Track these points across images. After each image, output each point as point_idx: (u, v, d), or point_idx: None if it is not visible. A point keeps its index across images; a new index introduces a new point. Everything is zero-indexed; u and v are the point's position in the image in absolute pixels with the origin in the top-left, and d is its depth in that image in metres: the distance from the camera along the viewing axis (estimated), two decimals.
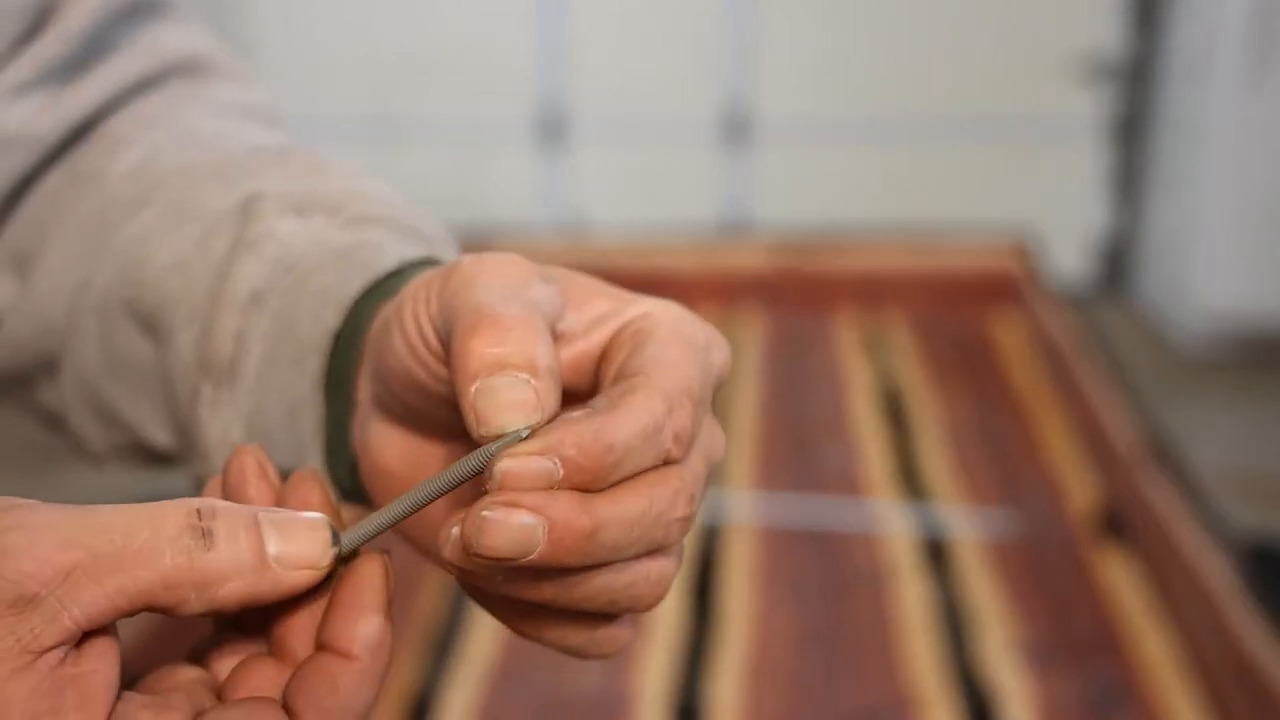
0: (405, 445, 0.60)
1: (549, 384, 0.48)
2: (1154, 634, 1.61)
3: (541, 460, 0.47)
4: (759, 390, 2.44)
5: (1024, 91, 5.02)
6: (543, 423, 0.48)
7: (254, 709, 0.48)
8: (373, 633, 0.52)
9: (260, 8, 4.90)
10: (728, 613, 1.66)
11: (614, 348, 0.55)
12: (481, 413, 0.48)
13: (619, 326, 0.55)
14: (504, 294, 0.50)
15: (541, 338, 0.49)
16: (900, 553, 1.82)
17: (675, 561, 0.54)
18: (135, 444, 0.73)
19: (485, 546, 0.47)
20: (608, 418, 0.48)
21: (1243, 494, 3.42)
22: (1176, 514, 1.65)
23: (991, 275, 2.90)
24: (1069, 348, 2.33)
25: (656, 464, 0.50)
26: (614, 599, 0.52)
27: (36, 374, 0.76)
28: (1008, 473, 2.09)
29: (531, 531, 0.47)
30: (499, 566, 0.48)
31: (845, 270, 2.91)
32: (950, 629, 1.74)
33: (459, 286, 0.52)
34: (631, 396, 0.49)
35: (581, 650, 0.56)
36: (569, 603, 0.52)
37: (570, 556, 0.48)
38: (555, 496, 0.47)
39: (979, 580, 1.74)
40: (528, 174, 5.08)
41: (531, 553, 0.47)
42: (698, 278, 2.90)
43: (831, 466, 2.11)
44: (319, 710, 0.48)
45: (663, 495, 0.50)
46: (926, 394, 2.42)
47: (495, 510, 0.46)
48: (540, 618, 0.54)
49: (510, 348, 0.48)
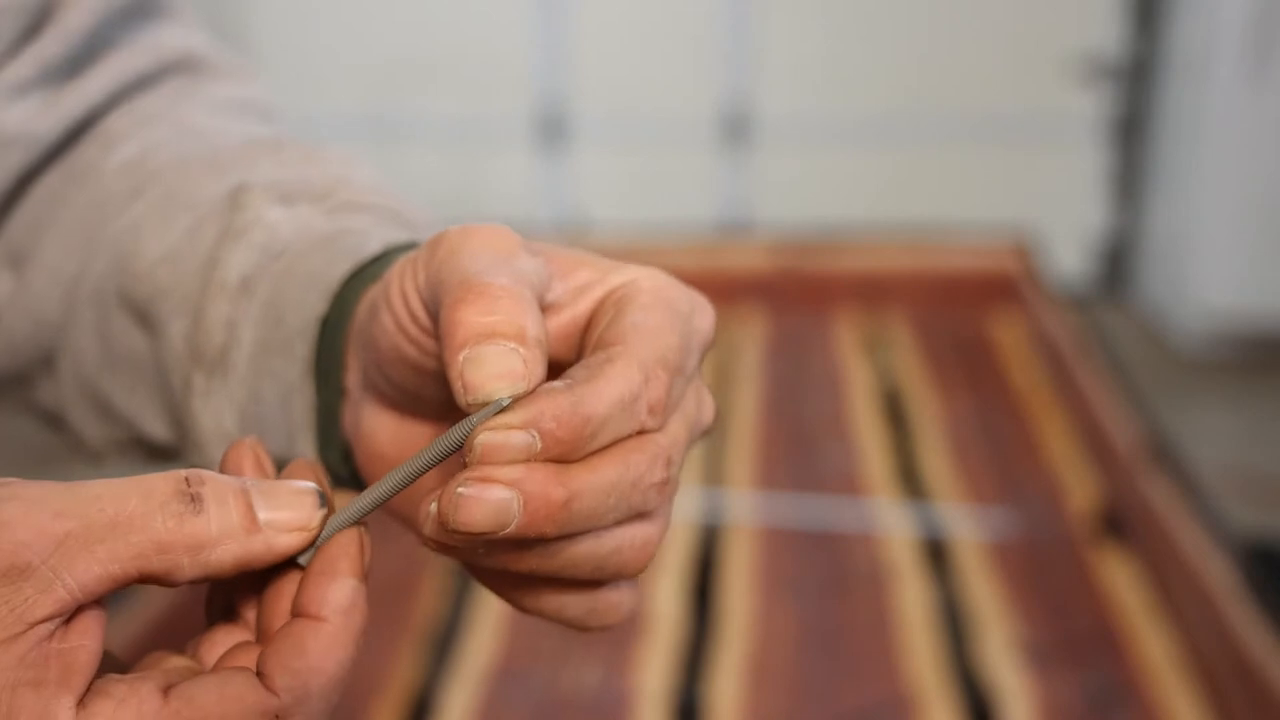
0: (397, 428, 0.61)
1: (537, 354, 0.49)
2: (1154, 634, 1.61)
3: (521, 434, 0.47)
4: (759, 390, 2.44)
5: (1024, 92, 5.02)
6: (526, 392, 0.48)
7: (226, 675, 0.48)
8: (343, 595, 0.52)
9: (260, 8, 4.90)
10: (727, 613, 1.66)
11: (598, 315, 0.55)
12: (469, 381, 0.48)
13: (603, 294, 0.56)
14: (491, 264, 0.51)
15: (530, 308, 0.50)
16: (900, 553, 1.82)
17: (660, 526, 0.54)
18: (133, 438, 0.73)
19: (462, 522, 0.47)
20: (586, 389, 0.49)
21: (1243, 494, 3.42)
22: (1176, 514, 1.65)
23: (991, 275, 2.90)
24: (1069, 348, 2.33)
25: (633, 433, 0.51)
26: (599, 565, 0.52)
27: (34, 372, 0.76)
28: (1008, 473, 2.09)
29: (507, 505, 0.47)
30: (478, 541, 0.48)
31: (845, 270, 2.91)
32: (950, 629, 1.74)
33: (446, 256, 0.52)
34: (609, 367, 0.50)
35: (583, 622, 0.56)
36: (553, 571, 0.52)
37: (548, 526, 0.48)
38: (531, 469, 0.47)
39: (979, 580, 1.74)
40: (528, 174, 5.08)
41: (508, 526, 0.47)
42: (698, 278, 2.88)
43: (831, 466, 2.11)
44: (288, 671, 0.48)
45: (639, 461, 0.50)
46: (926, 394, 2.42)
47: (470, 486, 0.47)
48: (534, 588, 0.54)
49: (499, 316, 0.49)
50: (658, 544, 0.53)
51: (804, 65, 4.98)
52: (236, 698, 0.48)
